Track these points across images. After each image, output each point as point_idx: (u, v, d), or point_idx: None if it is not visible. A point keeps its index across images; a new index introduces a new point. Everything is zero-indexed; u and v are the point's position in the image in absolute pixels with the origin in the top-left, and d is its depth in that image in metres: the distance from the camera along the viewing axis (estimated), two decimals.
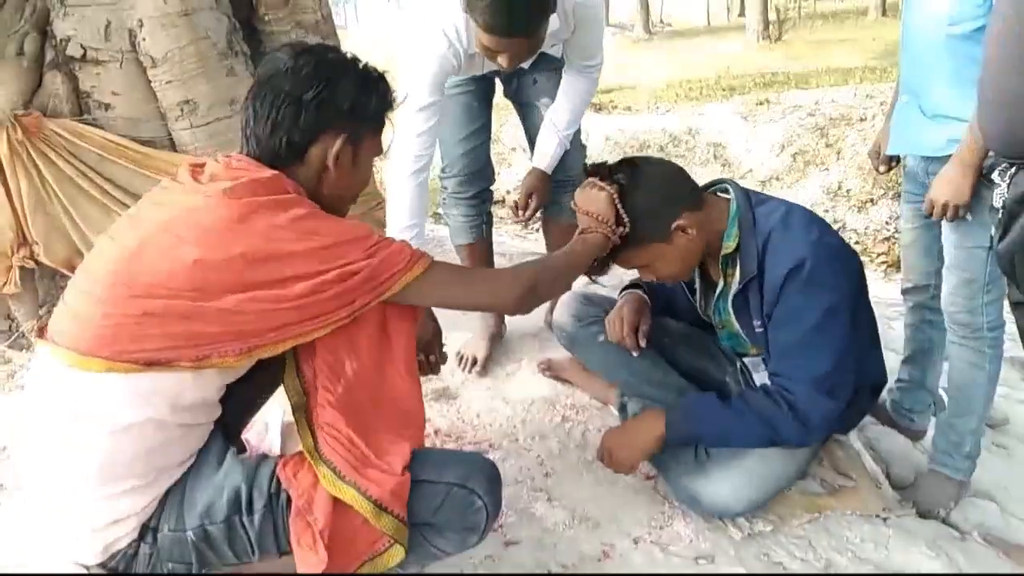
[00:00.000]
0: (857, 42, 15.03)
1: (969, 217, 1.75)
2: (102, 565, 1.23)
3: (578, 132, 2.38)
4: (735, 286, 1.69)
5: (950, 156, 1.76)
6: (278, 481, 1.26)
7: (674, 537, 1.71)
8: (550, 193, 2.31)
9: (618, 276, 3.13)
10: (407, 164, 1.97)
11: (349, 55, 1.36)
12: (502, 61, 1.84)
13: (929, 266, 2.05)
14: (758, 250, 1.63)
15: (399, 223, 1.98)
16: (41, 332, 1.25)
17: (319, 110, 1.26)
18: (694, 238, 1.64)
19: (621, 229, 1.59)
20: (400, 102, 1.43)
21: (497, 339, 2.51)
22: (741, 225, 1.66)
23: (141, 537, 1.23)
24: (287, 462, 1.28)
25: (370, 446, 1.27)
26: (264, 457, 1.34)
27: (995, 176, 1.42)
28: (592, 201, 1.60)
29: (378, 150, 1.40)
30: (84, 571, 1.26)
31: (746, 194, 1.72)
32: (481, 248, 2.50)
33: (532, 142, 2.36)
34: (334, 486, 1.23)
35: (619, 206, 1.59)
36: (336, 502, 1.22)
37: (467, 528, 1.32)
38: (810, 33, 18.09)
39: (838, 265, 1.62)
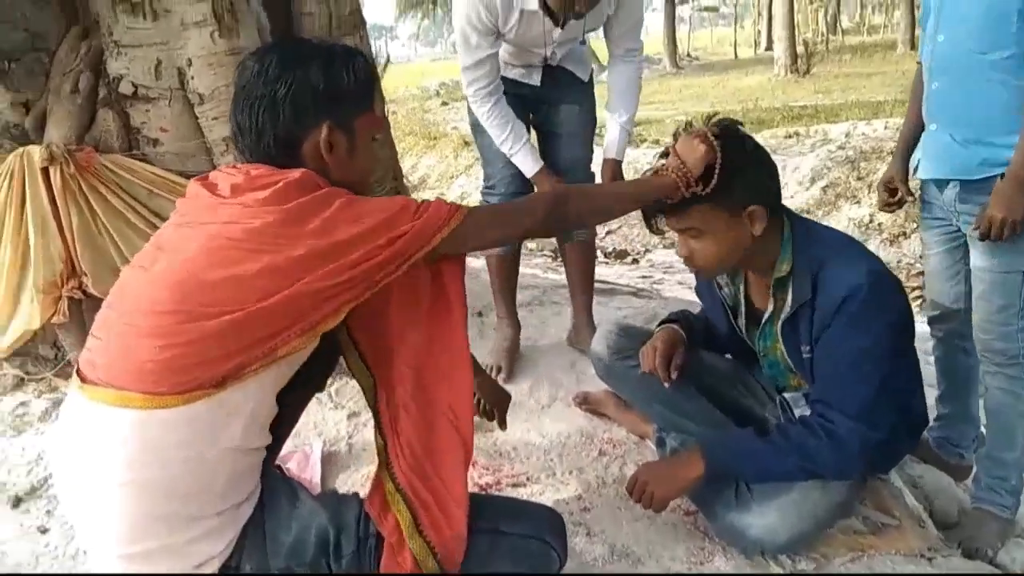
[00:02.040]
0: (886, 75, 14.98)
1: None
2: None
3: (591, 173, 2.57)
4: (787, 310, 1.69)
5: (984, 180, 1.77)
6: (365, 525, 1.27)
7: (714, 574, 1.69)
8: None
9: (651, 309, 3.15)
10: (481, 98, 2.26)
11: (317, 41, 1.34)
12: (580, 5, 1.99)
13: (956, 290, 2.04)
14: (812, 275, 1.63)
15: (500, 132, 2.30)
16: (80, 376, 1.19)
17: (294, 105, 1.25)
18: (753, 236, 1.64)
19: (700, 187, 1.56)
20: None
21: (515, 350, 2.65)
22: (795, 250, 1.66)
23: None
24: (373, 499, 1.29)
25: (436, 471, 1.28)
26: (340, 496, 1.34)
27: None
28: (691, 149, 1.57)
29: (375, 127, 1.39)
30: None
31: (800, 219, 1.72)
32: (511, 261, 2.64)
33: (549, 168, 2.50)
34: (411, 537, 1.24)
35: (717, 166, 1.55)
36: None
37: None
38: (838, 67, 18.08)
39: (892, 298, 1.62)
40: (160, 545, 1.15)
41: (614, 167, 2.40)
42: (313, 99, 1.26)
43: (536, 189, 2.38)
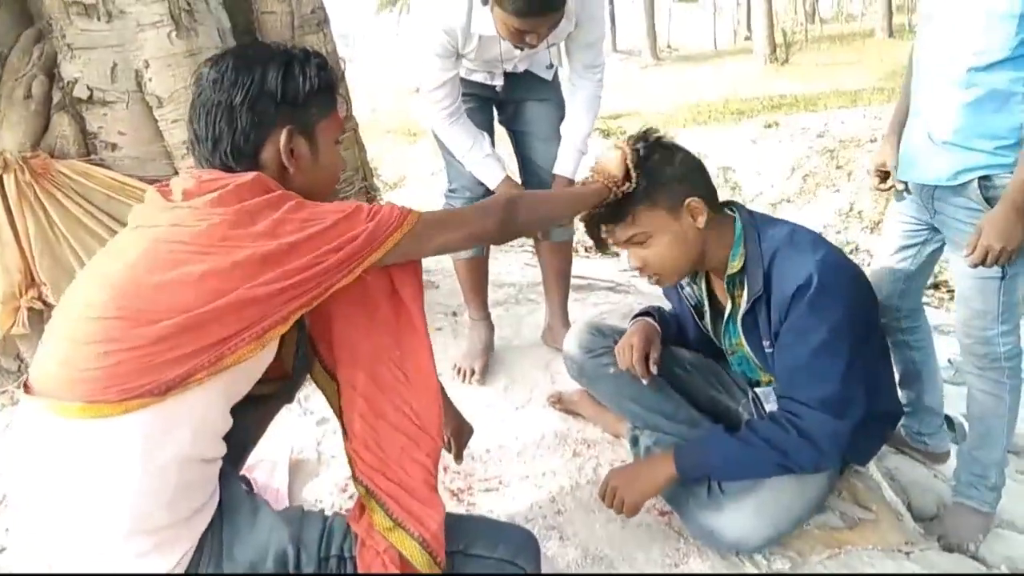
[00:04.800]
0: (864, 64, 15.03)
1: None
2: None
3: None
4: (743, 306, 1.67)
5: (960, 186, 1.74)
6: (327, 544, 1.23)
7: None
8: None
9: (628, 304, 3.12)
10: (443, 119, 2.23)
11: (274, 44, 1.31)
12: (531, 40, 1.96)
13: (894, 288, 2.04)
14: (764, 268, 1.62)
15: (462, 149, 2.27)
16: (27, 388, 1.15)
17: (252, 111, 1.22)
18: (698, 231, 1.64)
19: (627, 185, 1.62)
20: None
21: (490, 347, 2.62)
22: (747, 244, 1.65)
23: None
24: (354, 509, 1.28)
25: (401, 470, 1.27)
26: (304, 512, 1.30)
27: None
28: (607, 158, 1.65)
29: (336, 131, 1.35)
30: None
31: (751, 214, 1.71)
32: (479, 264, 2.60)
33: (524, 167, 2.50)
34: (389, 531, 1.22)
35: (630, 165, 1.62)
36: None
37: None
38: (817, 55, 18.12)
39: (845, 283, 1.60)
40: (108, 558, 1.10)
41: (566, 186, 2.29)
42: (271, 105, 1.23)
43: None
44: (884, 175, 2.09)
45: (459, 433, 1.69)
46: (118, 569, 1.11)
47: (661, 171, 1.63)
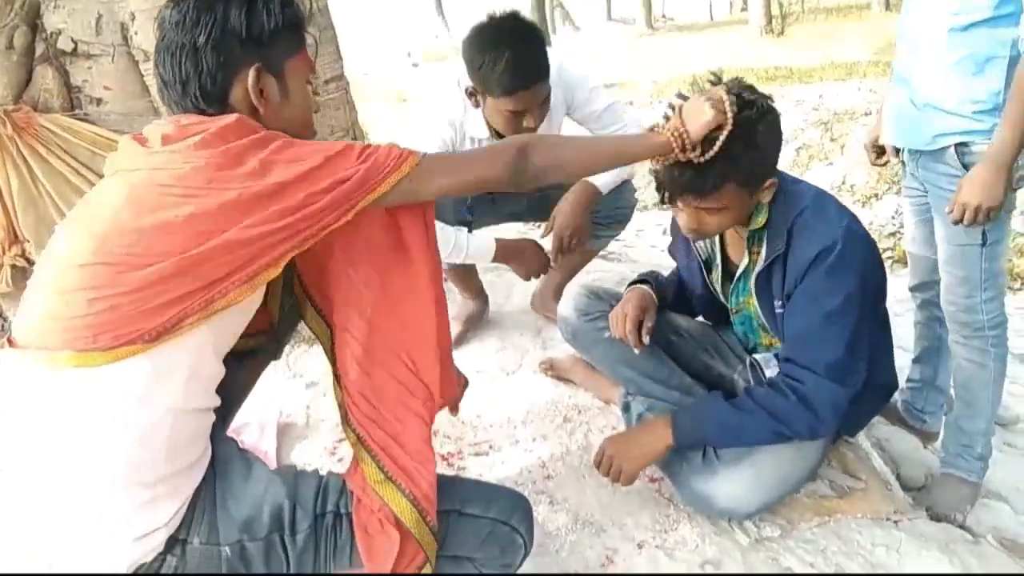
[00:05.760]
0: (861, 37, 14.92)
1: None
2: None
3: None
4: (760, 264, 1.65)
5: (939, 151, 1.73)
6: (323, 500, 1.22)
7: (680, 542, 1.66)
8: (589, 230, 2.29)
9: (619, 272, 3.09)
10: None
11: None
12: (528, 122, 1.99)
13: (933, 262, 2.00)
14: (787, 229, 1.59)
15: (447, 247, 2.11)
16: (10, 342, 1.12)
17: (217, 50, 1.18)
18: (765, 203, 1.61)
19: (695, 154, 1.44)
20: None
21: (476, 318, 2.58)
22: (772, 202, 1.62)
23: (167, 550, 1.14)
24: (350, 468, 1.27)
25: (393, 419, 1.26)
26: (298, 471, 1.29)
27: None
28: (698, 112, 1.42)
29: (307, 68, 1.31)
30: None
31: (779, 173, 1.65)
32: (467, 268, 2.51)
33: None
34: (380, 484, 1.21)
35: (721, 136, 1.42)
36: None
37: (504, 564, 1.31)
38: (813, 27, 17.97)
39: (864, 254, 1.59)
40: (102, 513, 1.08)
41: (589, 190, 2.24)
42: (236, 43, 1.18)
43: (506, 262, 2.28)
44: (880, 150, 2.07)
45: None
46: (116, 521, 1.09)
47: (762, 147, 1.49)
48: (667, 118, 1.49)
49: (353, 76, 3.29)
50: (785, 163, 7.54)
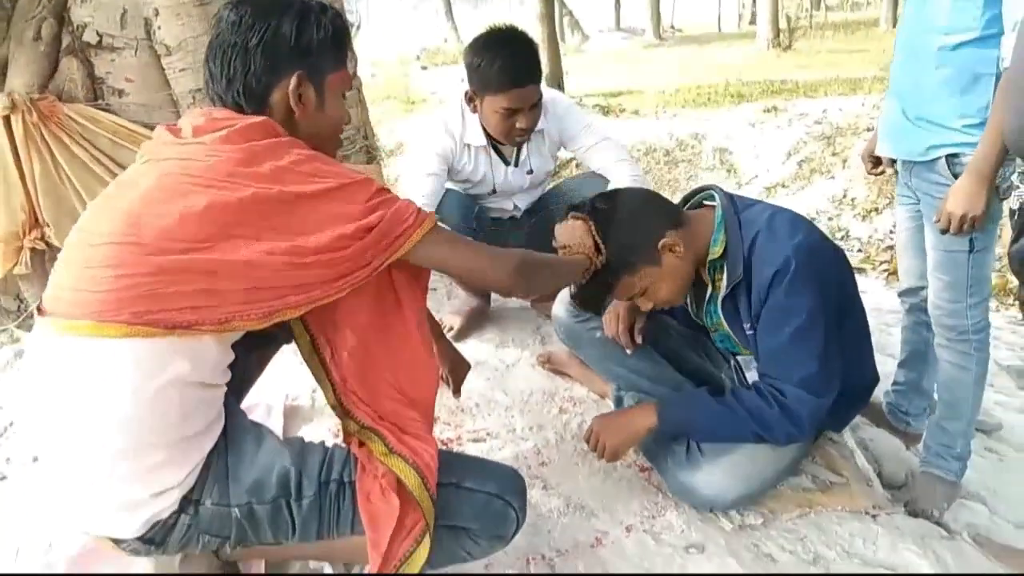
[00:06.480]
0: (867, 53, 15.01)
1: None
2: (139, 537, 1.21)
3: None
4: (724, 290, 1.72)
5: (931, 162, 1.80)
6: (328, 470, 1.29)
7: (666, 527, 1.74)
8: None
9: None
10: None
11: None
12: (521, 123, 2.18)
13: (922, 268, 2.07)
14: (744, 254, 1.66)
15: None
16: (40, 311, 1.21)
17: (266, 54, 1.26)
18: (683, 255, 1.68)
19: (600, 257, 1.64)
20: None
21: (477, 314, 2.67)
22: (727, 230, 1.69)
23: (181, 509, 1.22)
24: (349, 440, 1.34)
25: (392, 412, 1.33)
26: (305, 442, 1.35)
27: (1014, 178, 1.49)
28: (570, 233, 1.66)
29: (345, 84, 1.39)
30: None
31: (731, 199, 1.75)
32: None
33: None
34: (387, 456, 1.28)
35: (596, 235, 1.64)
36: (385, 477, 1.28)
37: (498, 536, 1.37)
38: (820, 42, 18.08)
39: (821, 266, 1.64)
40: (120, 471, 1.16)
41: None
42: (285, 50, 1.28)
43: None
44: (876, 160, 2.16)
45: (457, 369, 1.75)
46: (133, 478, 1.16)
47: (626, 234, 1.65)
48: (561, 248, 1.68)
49: (360, 77, 3.37)
50: (787, 176, 7.62)
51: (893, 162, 2.10)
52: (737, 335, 1.80)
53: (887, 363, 2.37)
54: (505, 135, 2.25)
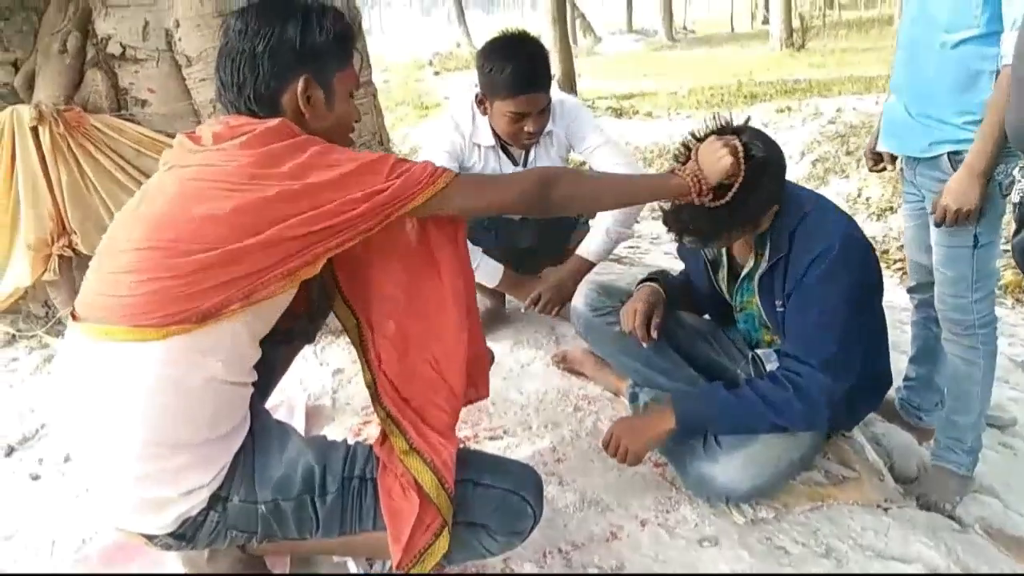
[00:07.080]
0: (881, 51, 14.94)
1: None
2: (170, 534, 1.26)
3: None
4: (764, 265, 1.76)
5: (933, 158, 1.83)
6: (351, 467, 1.34)
7: (680, 521, 1.77)
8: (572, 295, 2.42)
9: (632, 275, 3.21)
10: None
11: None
12: (529, 127, 2.21)
13: (930, 264, 2.09)
14: (790, 231, 1.71)
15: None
16: (74, 316, 1.25)
17: (272, 58, 1.29)
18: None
19: (708, 199, 1.57)
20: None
21: (492, 315, 2.70)
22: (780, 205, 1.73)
23: (210, 506, 1.26)
24: (378, 438, 1.38)
25: (420, 403, 1.38)
26: (328, 440, 1.40)
27: (1016, 173, 1.52)
28: (714, 159, 1.55)
29: (352, 83, 1.42)
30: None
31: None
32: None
33: None
34: (406, 454, 1.32)
35: (734, 187, 1.56)
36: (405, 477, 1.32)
37: (515, 532, 1.40)
38: (834, 41, 18.01)
39: (860, 258, 1.70)
40: (150, 471, 1.20)
41: (583, 264, 2.43)
42: (290, 53, 1.31)
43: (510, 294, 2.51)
44: (877, 157, 2.19)
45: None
46: (165, 478, 1.21)
47: (766, 197, 1.65)
48: (678, 159, 1.64)
49: (375, 84, 3.42)
50: (801, 175, 7.61)
51: (894, 159, 2.13)
52: (766, 313, 1.84)
53: (900, 360, 2.39)
54: (513, 138, 2.30)
